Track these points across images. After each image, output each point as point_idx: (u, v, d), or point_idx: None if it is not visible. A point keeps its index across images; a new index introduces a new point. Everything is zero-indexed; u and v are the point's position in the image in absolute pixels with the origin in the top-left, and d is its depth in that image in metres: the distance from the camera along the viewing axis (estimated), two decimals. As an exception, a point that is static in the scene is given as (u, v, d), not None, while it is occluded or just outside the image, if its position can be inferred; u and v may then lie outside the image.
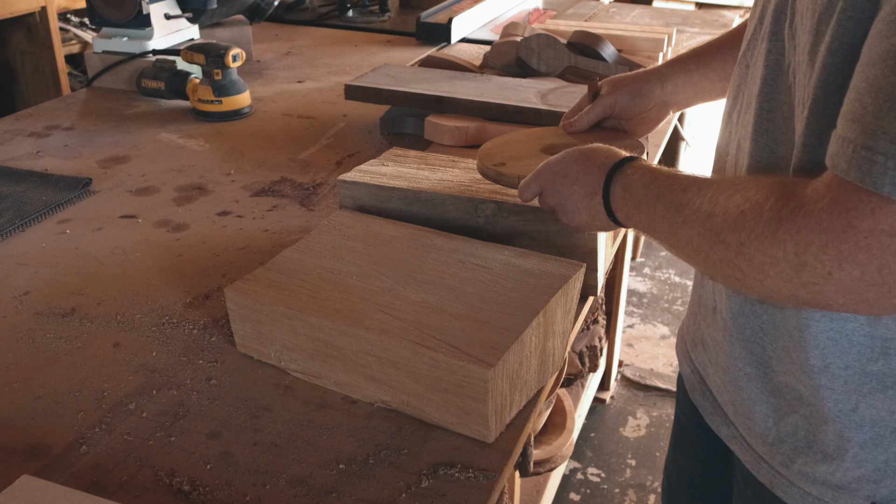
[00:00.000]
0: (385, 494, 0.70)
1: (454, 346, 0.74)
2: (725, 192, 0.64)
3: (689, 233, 0.67)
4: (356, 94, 1.52)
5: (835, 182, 0.56)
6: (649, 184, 0.73)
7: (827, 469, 0.73)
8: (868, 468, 0.71)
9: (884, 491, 0.71)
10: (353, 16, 2.50)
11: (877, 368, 0.67)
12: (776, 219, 0.58)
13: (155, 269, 1.07)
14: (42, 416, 0.79)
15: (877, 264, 0.54)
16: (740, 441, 0.82)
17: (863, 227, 0.54)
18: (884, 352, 0.67)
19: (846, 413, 0.70)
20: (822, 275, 0.56)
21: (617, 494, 1.96)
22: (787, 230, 0.57)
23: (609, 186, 0.78)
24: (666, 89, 1.02)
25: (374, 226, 0.96)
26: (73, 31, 2.63)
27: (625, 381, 2.36)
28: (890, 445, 0.70)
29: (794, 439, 0.75)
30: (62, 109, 1.69)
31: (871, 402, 0.69)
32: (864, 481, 0.72)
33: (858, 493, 0.72)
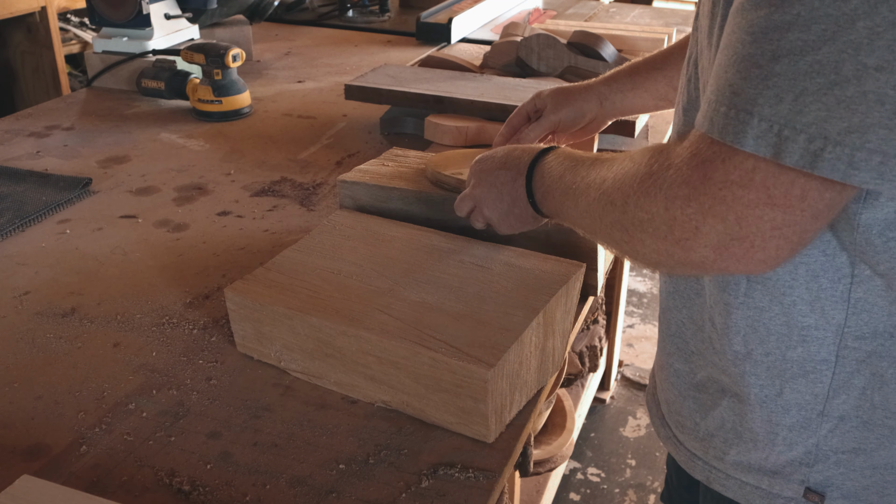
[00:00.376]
0: (385, 494, 0.70)
1: (454, 346, 0.74)
2: (620, 161, 0.67)
3: (588, 200, 0.70)
4: (356, 94, 1.52)
5: (695, 137, 0.59)
6: (563, 163, 0.77)
7: (760, 455, 0.74)
8: (799, 451, 0.72)
9: (817, 476, 0.72)
10: (353, 16, 2.50)
11: (796, 355, 0.69)
12: (649, 174, 0.62)
13: (155, 269, 1.07)
14: (42, 416, 0.79)
15: (734, 216, 0.56)
16: (674, 441, 0.84)
17: (716, 178, 0.57)
18: (801, 339, 0.68)
19: (772, 398, 0.71)
20: (691, 229, 0.59)
21: (617, 494, 1.96)
22: (657, 184, 0.61)
23: (532, 169, 0.81)
24: (605, 107, 1.09)
25: (374, 226, 0.96)
26: (73, 31, 2.63)
27: (625, 381, 2.36)
28: (817, 429, 0.70)
29: (723, 431, 0.76)
30: (62, 109, 1.69)
31: (795, 387, 0.70)
32: (796, 465, 0.73)
33: (792, 478, 0.73)
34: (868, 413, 0.68)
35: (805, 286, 0.66)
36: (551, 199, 0.78)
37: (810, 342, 0.68)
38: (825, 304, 0.66)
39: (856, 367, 0.67)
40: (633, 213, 0.63)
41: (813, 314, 0.67)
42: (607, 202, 0.67)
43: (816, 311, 0.67)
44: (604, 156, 0.73)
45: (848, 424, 0.70)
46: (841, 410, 0.69)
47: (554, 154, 0.80)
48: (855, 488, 0.72)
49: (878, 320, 0.65)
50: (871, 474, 0.71)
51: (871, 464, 0.70)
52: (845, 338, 0.67)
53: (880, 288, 0.64)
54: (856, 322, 0.66)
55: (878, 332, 0.65)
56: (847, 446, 0.70)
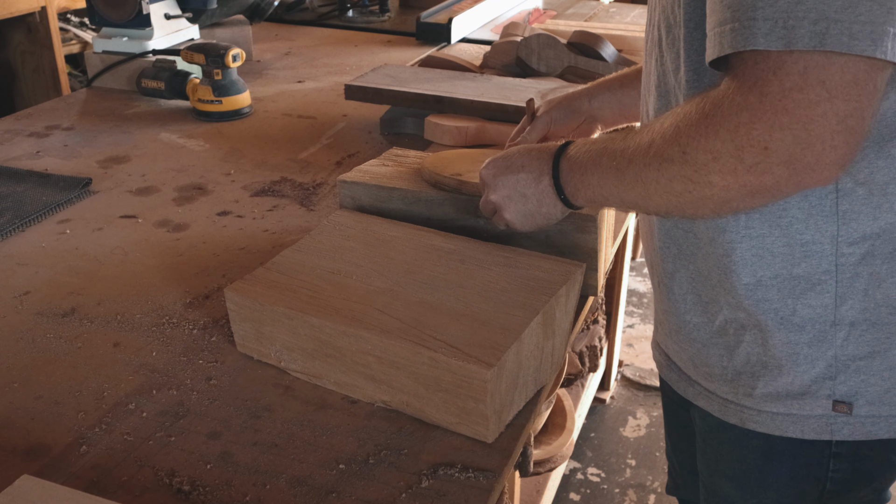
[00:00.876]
0: (385, 494, 0.70)
1: (454, 346, 0.74)
2: (657, 123, 0.70)
3: (636, 169, 0.71)
4: (356, 94, 1.52)
5: (734, 67, 0.62)
6: (591, 148, 0.78)
7: (786, 380, 0.79)
8: (821, 366, 0.77)
9: (841, 387, 0.77)
10: (353, 16, 2.50)
11: (801, 271, 0.75)
12: (703, 116, 0.64)
13: (155, 269, 1.07)
14: (42, 416, 0.79)
15: (801, 122, 0.59)
16: (705, 395, 0.87)
17: (773, 91, 0.59)
18: (803, 255, 0.74)
19: (787, 318, 0.77)
20: (760, 151, 0.61)
21: (617, 494, 1.96)
22: (714, 121, 0.63)
23: (557, 165, 0.81)
24: (593, 105, 1.10)
25: (374, 226, 0.96)
26: (73, 31, 2.62)
27: (625, 381, 2.36)
28: (833, 339, 0.76)
29: (750, 366, 0.81)
30: (62, 109, 1.69)
31: (806, 302, 0.76)
32: (821, 381, 0.78)
33: (820, 394, 0.78)
34: (874, 313, 0.75)
35: (797, 206, 0.73)
36: (587, 187, 0.78)
37: (811, 256, 0.74)
38: (818, 218, 0.73)
39: (854, 271, 0.74)
40: (695, 158, 0.65)
41: (808, 230, 0.73)
42: (662, 160, 0.68)
43: (811, 226, 0.73)
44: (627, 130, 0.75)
45: (859, 329, 0.76)
46: (850, 316, 0.75)
47: (575, 146, 0.80)
48: (878, 393, 0.77)
49: (866, 225, 0.72)
50: (889, 376, 0.77)
51: (887, 365, 0.76)
52: (840, 246, 0.73)
53: (862, 196, 0.71)
54: (846, 230, 0.72)
55: (867, 236, 0.73)
56: (862, 351, 0.76)
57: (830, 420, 0.79)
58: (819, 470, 0.83)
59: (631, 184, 0.72)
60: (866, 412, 0.78)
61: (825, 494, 0.84)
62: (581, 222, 0.93)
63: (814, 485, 0.83)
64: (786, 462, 0.83)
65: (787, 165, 0.61)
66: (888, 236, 0.73)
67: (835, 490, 0.83)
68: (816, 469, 0.83)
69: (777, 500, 0.86)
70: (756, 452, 0.85)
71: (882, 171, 0.71)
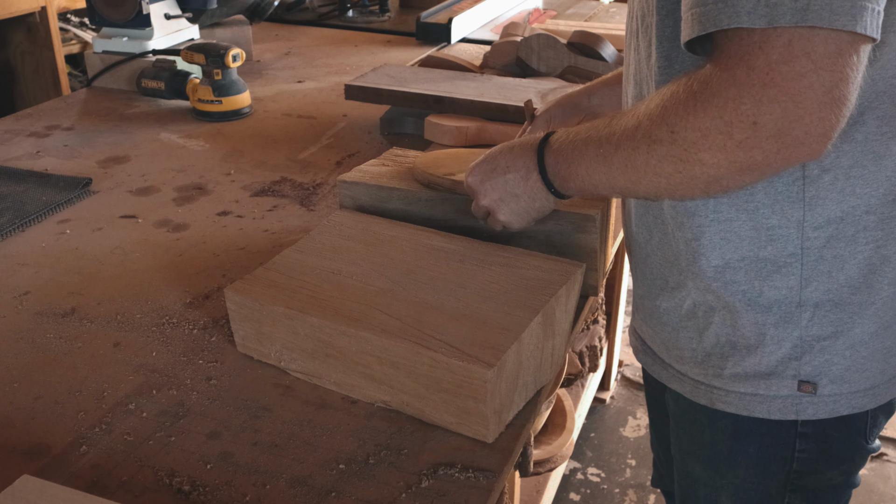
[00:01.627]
0: (385, 494, 0.70)
1: (454, 346, 0.74)
2: (641, 105, 0.70)
3: (625, 153, 0.71)
4: (356, 94, 1.52)
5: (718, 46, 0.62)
6: (575, 138, 0.78)
7: (754, 360, 0.81)
8: (787, 346, 0.80)
9: (806, 368, 0.80)
10: (353, 16, 2.50)
11: (768, 254, 0.77)
12: (691, 94, 0.64)
13: (155, 269, 1.07)
14: (42, 416, 0.79)
15: (788, 94, 0.60)
16: (677, 377, 0.89)
17: (759, 64, 0.60)
18: (770, 239, 0.76)
19: (754, 299, 0.79)
20: (749, 126, 0.61)
21: (617, 494, 1.96)
22: (703, 98, 0.63)
23: (542, 160, 0.81)
24: (593, 101, 1.09)
25: (374, 226, 0.96)
26: (73, 31, 2.62)
27: (625, 381, 2.36)
28: (798, 320, 0.78)
29: (719, 347, 0.83)
30: (62, 109, 1.69)
31: (772, 284, 0.78)
32: (787, 361, 0.80)
33: (786, 374, 0.80)
34: (836, 294, 0.77)
35: (763, 191, 0.74)
36: (576, 178, 0.78)
37: (777, 240, 0.76)
38: (784, 204, 0.74)
39: (819, 254, 0.76)
40: (684, 137, 0.65)
41: (775, 215, 0.75)
42: (650, 142, 0.68)
43: (777, 212, 0.75)
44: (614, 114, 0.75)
45: (823, 309, 0.78)
46: (815, 297, 0.77)
47: (557, 137, 0.80)
48: (839, 371, 0.80)
49: (830, 210, 0.74)
50: (850, 355, 0.79)
51: (848, 344, 0.79)
52: (806, 230, 0.75)
53: (828, 182, 0.73)
54: (812, 215, 0.74)
55: (831, 220, 0.74)
56: (826, 331, 0.79)
57: (796, 400, 0.81)
58: (785, 450, 0.84)
59: (620, 169, 0.72)
60: (829, 391, 0.80)
61: (792, 474, 0.86)
62: (581, 222, 0.93)
63: (780, 464, 0.85)
64: (753, 442, 0.85)
65: (777, 139, 0.61)
66: (851, 219, 0.75)
67: (801, 470, 0.85)
68: (783, 449, 0.84)
69: (745, 479, 0.88)
70: (725, 433, 0.86)
71: (847, 156, 0.72)
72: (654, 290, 0.88)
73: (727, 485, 0.90)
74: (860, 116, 0.71)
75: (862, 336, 0.79)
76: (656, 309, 0.89)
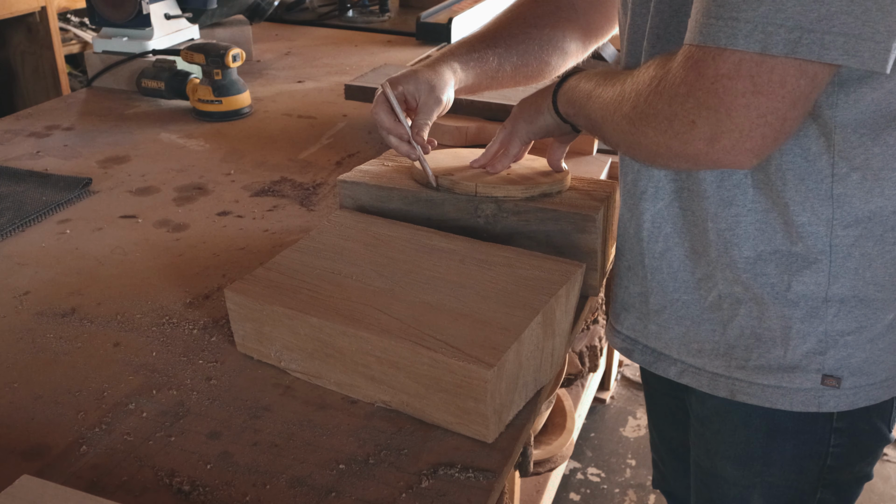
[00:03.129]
0: (385, 494, 0.70)
1: (454, 346, 0.74)
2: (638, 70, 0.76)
3: (606, 98, 0.80)
4: (356, 94, 1.52)
5: (688, 48, 0.68)
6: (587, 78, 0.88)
7: (779, 353, 0.82)
8: (812, 341, 0.81)
9: (830, 362, 0.81)
10: (353, 16, 2.50)
11: (798, 249, 0.78)
12: (655, 77, 0.71)
13: (155, 269, 1.07)
14: (42, 416, 0.79)
15: (725, 108, 0.65)
16: (691, 371, 0.89)
17: (709, 73, 0.65)
18: (800, 235, 0.78)
19: (782, 293, 0.80)
20: (688, 123, 0.67)
21: (617, 494, 1.96)
22: (662, 85, 0.69)
23: (558, 88, 0.92)
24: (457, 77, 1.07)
25: (374, 226, 0.96)
26: (73, 31, 2.62)
27: (625, 381, 2.36)
28: (824, 315, 0.80)
29: (743, 339, 0.84)
30: (62, 109, 1.69)
31: (800, 279, 0.79)
32: (811, 355, 0.81)
33: (810, 368, 0.82)
34: (862, 290, 0.79)
35: (794, 188, 0.76)
36: (574, 103, 0.88)
37: (807, 237, 0.78)
38: (814, 202, 0.76)
39: (847, 251, 0.77)
40: (641, 109, 0.72)
41: (805, 212, 0.77)
42: (622, 98, 0.76)
43: (807, 209, 0.77)
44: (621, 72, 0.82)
45: (848, 306, 0.79)
46: (841, 294, 0.79)
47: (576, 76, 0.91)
48: (859, 364, 0.81)
49: (859, 209, 0.76)
50: (869, 348, 0.81)
51: (868, 338, 0.81)
52: (835, 228, 0.77)
53: (857, 181, 0.75)
54: (841, 214, 0.76)
55: (860, 219, 0.76)
56: (850, 327, 0.80)
57: (819, 393, 0.82)
58: (821, 446, 0.85)
59: (597, 108, 0.81)
60: (850, 384, 0.81)
61: (825, 469, 0.87)
62: (581, 222, 0.93)
63: (815, 461, 0.86)
64: (789, 439, 0.86)
65: (708, 143, 0.67)
66: (879, 219, 0.76)
67: (834, 465, 0.86)
68: (819, 445, 0.85)
69: (779, 477, 0.88)
70: (760, 432, 0.87)
71: (877, 158, 0.74)
72: (673, 284, 0.88)
73: (760, 483, 0.90)
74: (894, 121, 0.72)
75: (881, 330, 0.81)
76: (672, 303, 0.89)
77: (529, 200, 0.96)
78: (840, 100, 0.72)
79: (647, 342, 0.94)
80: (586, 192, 0.99)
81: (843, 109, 0.72)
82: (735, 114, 0.65)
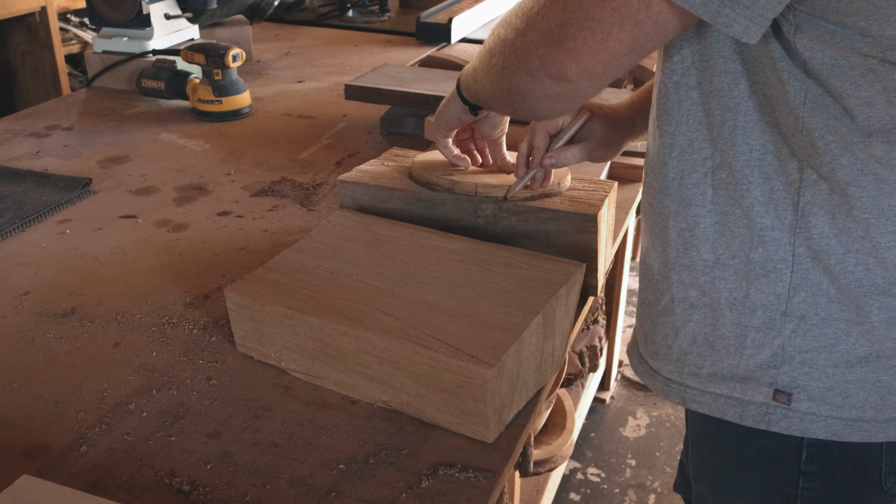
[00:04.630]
0: (385, 494, 0.70)
1: (454, 347, 0.74)
2: None
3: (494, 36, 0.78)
4: (356, 94, 1.52)
5: None
6: None
7: (732, 362, 0.79)
8: (767, 353, 0.77)
9: (784, 377, 0.77)
10: (353, 16, 2.50)
11: (758, 256, 0.75)
12: None
13: (155, 269, 1.07)
14: (42, 416, 0.79)
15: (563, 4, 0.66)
16: (650, 374, 0.87)
17: None
18: (761, 240, 0.75)
19: (739, 300, 0.77)
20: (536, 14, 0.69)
21: (617, 494, 1.96)
22: None
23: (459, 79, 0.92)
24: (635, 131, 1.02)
25: (374, 226, 0.96)
26: (73, 31, 2.63)
27: (625, 381, 2.36)
28: (782, 329, 0.76)
29: (696, 346, 0.81)
30: (62, 109, 1.69)
31: (759, 287, 0.76)
32: (765, 368, 0.78)
33: (762, 381, 0.78)
34: (825, 309, 0.74)
35: (759, 188, 0.73)
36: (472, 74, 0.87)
37: (769, 242, 0.74)
38: (778, 204, 0.73)
39: (810, 264, 0.73)
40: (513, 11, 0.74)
41: (768, 215, 0.73)
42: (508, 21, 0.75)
43: (771, 211, 0.73)
44: None
45: (809, 323, 0.75)
46: (801, 309, 0.75)
47: None
48: (820, 389, 0.76)
49: (823, 222, 0.72)
50: (832, 373, 0.76)
51: (832, 361, 0.75)
52: (797, 237, 0.73)
53: (824, 192, 0.71)
54: (804, 223, 0.72)
55: (824, 233, 0.72)
56: (809, 345, 0.76)
57: (769, 409, 0.78)
58: (788, 486, 0.81)
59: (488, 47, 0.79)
60: (805, 408, 0.77)
61: None
62: (581, 222, 0.93)
63: (784, 499, 0.82)
64: (756, 475, 0.83)
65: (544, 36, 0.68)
66: (845, 237, 0.72)
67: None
68: (786, 485, 0.81)
69: None
70: (729, 462, 0.84)
71: (844, 170, 0.69)
72: (644, 282, 0.87)
73: None
74: (868, 137, 0.68)
75: (847, 357, 0.75)
76: (643, 301, 0.88)
77: (529, 200, 0.96)
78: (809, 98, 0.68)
79: (636, 335, 0.93)
80: (586, 192, 0.99)
81: (813, 110, 0.68)
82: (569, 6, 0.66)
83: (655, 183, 0.81)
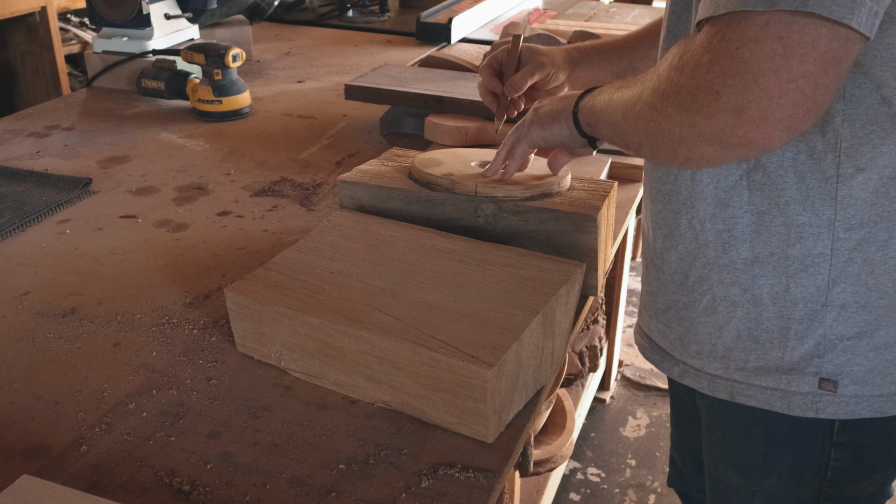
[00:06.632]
0: (385, 494, 0.70)
1: (454, 347, 0.74)
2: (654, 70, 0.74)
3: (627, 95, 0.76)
4: (356, 94, 1.52)
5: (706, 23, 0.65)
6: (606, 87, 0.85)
7: (777, 355, 0.81)
8: (810, 343, 0.80)
9: (828, 366, 0.80)
10: (353, 16, 2.50)
11: (796, 252, 0.77)
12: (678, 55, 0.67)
13: (155, 269, 1.07)
14: (42, 416, 0.79)
15: (752, 73, 0.61)
16: (692, 373, 0.88)
17: (734, 38, 0.61)
18: (798, 237, 0.76)
19: (781, 294, 0.79)
20: (712, 94, 0.63)
21: (617, 494, 1.96)
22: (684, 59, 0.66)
23: (579, 100, 0.88)
24: (574, 73, 1.10)
25: (374, 226, 0.96)
26: (73, 31, 2.62)
27: (625, 381, 2.36)
28: (823, 319, 0.78)
29: (741, 341, 0.83)
30: (62, 109, 1.69)
31: (799, 282, 0.78)
32: (809, 358, 0.80)
33: (807, 371, 0.80)
34: (864, 297, 0.77)
35: (795, 187, 0.74)
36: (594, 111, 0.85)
37: (806, 238, 0.76)
38: (815, 202, 0.74)
39: (849, 255, 0.75)
40: (663, 89, 0.68)
41: (805, 212, 0.75)
42: (642, 90, 0.72)
43: (808, 209, 0.75)
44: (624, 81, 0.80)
45: (849, 311, 0.77)
46: (841, 299, 0.77)
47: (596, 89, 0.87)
48: (862, 372, 0.79)
49: (864, 211, 0.73)
50: (874, 357, 0.79)
51: (872, 345, 0.78)
52: (836, 230, 0.75)
53: (862, 182, 0.72)
54: (844, 216, 0.74)
55: (864, 222, 0.74)
56: (850, 332, 0.78)
57: (816, 398, 0.80)
58: (820, 458, 0.84)
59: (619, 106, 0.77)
60: (850, 392, 0.80)
61: (826, 483, 0.85)
62: (581, 222, 0.93)
63: (815, 473, 0.85)
64: (788, 449, 0.85)
65: (734, 114, 0.62)
66: (885, 224, 0.74)
67: (836, 479, 0.85)
68: (818, 457, 0.84)
69: (778, 486, 0.88)
70: (759, 440, 0.86)
71: (885, 157, 0.72)
72: (672, 286, 0.88)
73: (760, 492, 0.89)
74: None
75: (887, 339, 0.78)
76: (674, 304, 0.88)
77: (529, 200, 0.96)
78: (848, 91, 0.70)
79: (656, 340, 0.94)
80: (586, 192, 0.99)
81: (851, 102, 0.70)
82: (763, 79, 0.60)
83: (683, 189, 0.82)
